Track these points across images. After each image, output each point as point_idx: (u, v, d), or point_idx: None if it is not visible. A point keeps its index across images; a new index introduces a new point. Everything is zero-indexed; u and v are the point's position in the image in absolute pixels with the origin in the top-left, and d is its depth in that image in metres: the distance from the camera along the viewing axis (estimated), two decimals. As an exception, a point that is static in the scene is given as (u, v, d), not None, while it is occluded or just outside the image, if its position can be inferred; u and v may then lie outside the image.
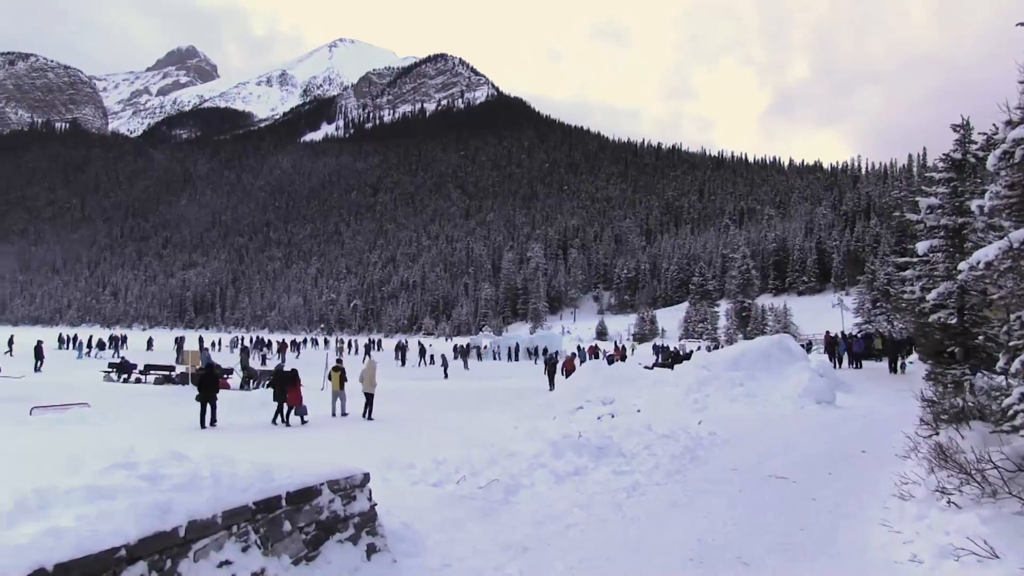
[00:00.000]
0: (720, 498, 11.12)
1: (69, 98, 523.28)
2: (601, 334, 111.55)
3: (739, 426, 18.27)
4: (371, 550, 7.91)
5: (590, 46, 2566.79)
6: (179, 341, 73.26)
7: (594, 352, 63.59)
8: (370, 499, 8.32)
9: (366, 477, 8.31)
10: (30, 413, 22.65)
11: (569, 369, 35.16)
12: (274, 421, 22.66)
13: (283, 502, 7.00)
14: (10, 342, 63.47)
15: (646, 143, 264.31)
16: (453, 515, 9.76)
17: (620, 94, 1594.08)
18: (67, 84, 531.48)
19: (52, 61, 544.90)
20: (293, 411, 22.91)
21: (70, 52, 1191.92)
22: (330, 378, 25.47)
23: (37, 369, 43.91)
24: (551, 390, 32.81)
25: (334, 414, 24.71)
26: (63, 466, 6.77)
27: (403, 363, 60.49)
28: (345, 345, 79.63)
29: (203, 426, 21.33)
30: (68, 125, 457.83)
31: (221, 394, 29.28)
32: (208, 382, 22.22)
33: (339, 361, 27.82)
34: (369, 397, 24.56)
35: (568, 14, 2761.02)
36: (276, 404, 22.84)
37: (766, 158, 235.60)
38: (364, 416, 24.22)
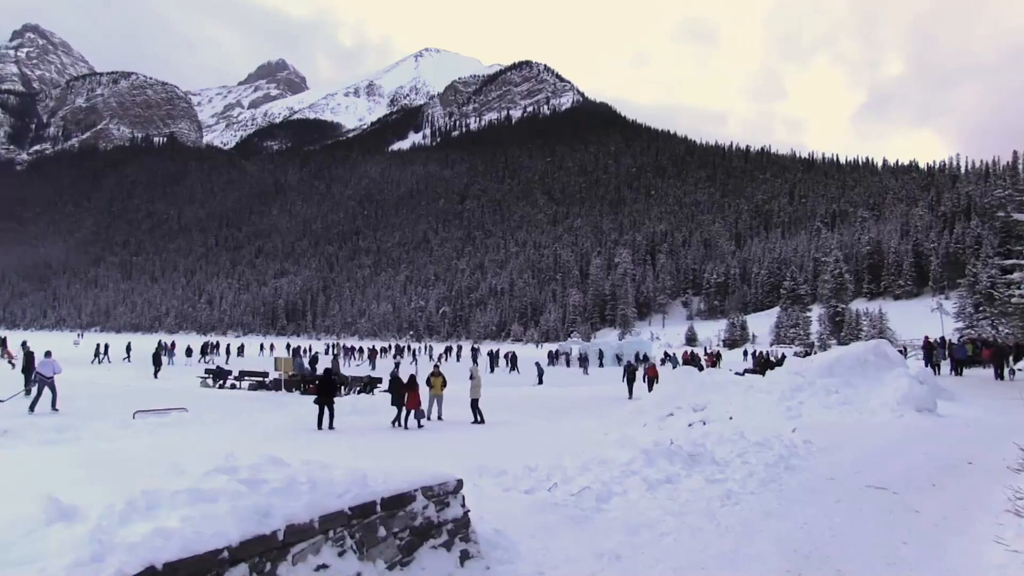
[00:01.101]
0: (817, 508, 10.80)
1: (167, 113, 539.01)
2: (691, 340, 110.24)
3: (835, 434, 17.68)
4: (464, 556, 7.92)
5: (676, 48, 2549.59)
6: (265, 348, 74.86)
7: (692, 358, 62.86)
8: (463, 505, 8.33)
9: (459, 484, 8.32)
10: (133, 417, 23.33)
11: (652, 376, 34.39)
12: (394, 424, 23.46)
13: (378, 508, 7.04)
14: (128, 349, 65.85)
15: (734, 146, 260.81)
16: (545, 522, 9.72)
17: (707, 96, 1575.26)
18: (165, 100, 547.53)
19: (151, 79, 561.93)
20: (412, 415, 23.67)
21: (167, 69, 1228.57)
22: (429, 383, 25.80)
23: (155, 376, 44.85)
24: (630, 398, 32.62)
25: (428, 418, 25.14)
26: (168, 469, 6.96)
27: (492, 369, 60.79)
28: (443, 352, 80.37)
29: (319, 427, 22.15)
30: (166, 139, 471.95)
31: (312, 399, 29.84)
32: (327, 387, 22.99)
33: (437, 367, 28.09)
34: (475, 402, 25.35)
35: (654, 16, 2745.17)
36: (395, 408, 23.72)
37: (859, 159, 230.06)
38: (474, 421, 24.98)
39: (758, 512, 10.63)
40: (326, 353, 72.30)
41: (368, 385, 36.59)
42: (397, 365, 53.73)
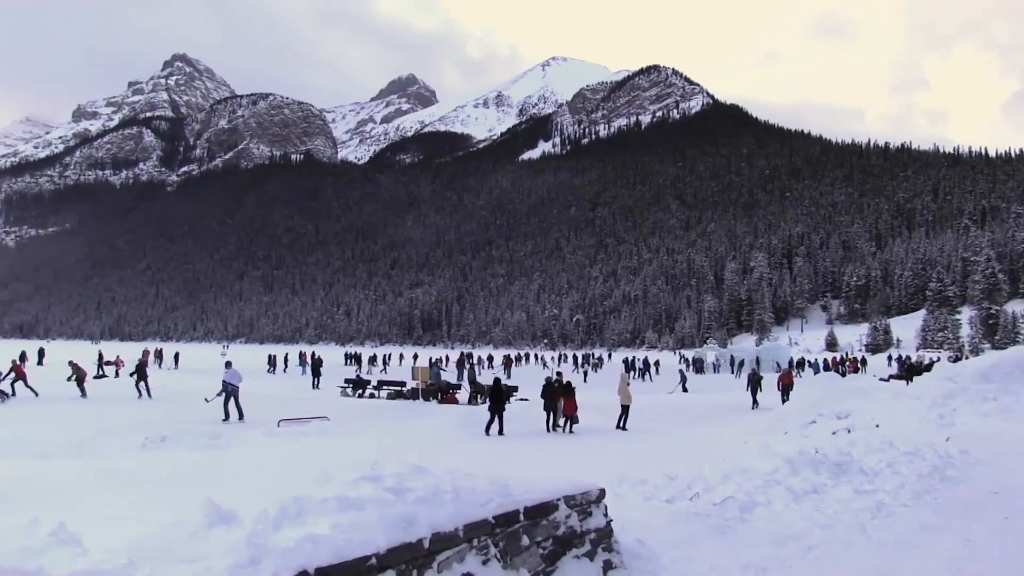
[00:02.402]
0: (980, 524, 10.15)
1: (303, 131, 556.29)
2: (831, 345, 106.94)
3: (995, 445, 16.54)
4: (607, 566, 7.86)
5: (809, 44, 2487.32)
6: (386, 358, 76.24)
7: (839, 364, 61.11)
8: (606, 515, 8.28)
9: (602, 493, 8.27)
10: (278, 425, 24.11)
11: (787, 384, 32.85)
12: (550, 427, 24.35)
13: (521, 517, 7.05)
14: (286, 359, 68.64)
15: (872, 143, 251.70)
16: (688, 532, 9.56)
17: (843, 92, 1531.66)
18: (301, 118, 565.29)
19: (287, 98, 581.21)
20: (569, 420, 24.21)
21: (303, 89, 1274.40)
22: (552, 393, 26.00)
23: (315, 386, 46.04)
24: (754, 408, 31.75)
25: (555, 427, 25.28)
26: (316, 476, 7.12)
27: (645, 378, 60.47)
28: (584, 359, 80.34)
29: (487, 433, 23.12)
30: (302, 156, 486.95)
31: (453, 409, 30.19)
32: (498, 395, 23.89)
33: (559, 374, 28.13)
34: (625, 408, 25.47)
35: (784, 14, 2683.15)
36: (546, 414, 24.60)
37: (1011, 151, 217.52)
38: (618, 427, 25.12)
39: (913, 526, 10.15)
40: (459, 363, 73.06)
41: (505, 394, 36.78)
42: (559, 374, 53.98)
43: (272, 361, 66.83)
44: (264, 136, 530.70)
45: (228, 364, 27.89)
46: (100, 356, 58.21)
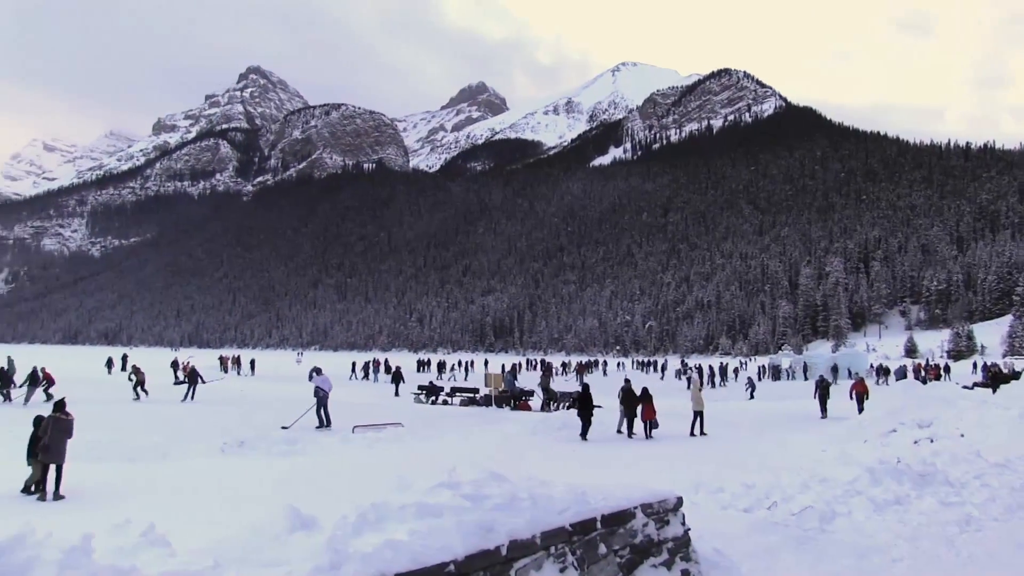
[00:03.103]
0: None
1: (375, 140, 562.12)
2: (911, 351, 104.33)
3: None
4: (685, 576, 7.79)
5: (886, 43, 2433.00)
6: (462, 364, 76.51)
7: (920, 371, 59.66)
8: (683, 523, 8.20)
9: (679, 501, 8.19)
10: (352, 431, 24.36)
11: (861, 392, 31.61)
12: (630, 434, 24.58)
13: (598, 524, 7.03)
14: (367, 366, 69.63)
15: (953, 144, 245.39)
16: (766, 542, 9.41)
17: (922, 92, 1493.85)
18: (372, 128, 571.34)
19: (359, 108, 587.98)
20: (648, 425, 24.44)
21: (374, 98, 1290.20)
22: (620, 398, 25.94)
23: (397, 393, 46.30)
24: (823, 417, 30.82)
25: (619, 431, 25.35)
26: (393, 483, 7.17)
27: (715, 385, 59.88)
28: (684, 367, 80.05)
29: (583, 439, 23.46)
30: (375, 165, 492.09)
31: (526, 416, 30.22)
32: (587, 401, 24.23)
33: (627, 381, 28.01)
34: (698, 414, 25.49)
35: (859, 13, 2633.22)
36: (626, 418, 24.89)
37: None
38: (691, 433, 25.09)
39: (1007, 543, 9.73)
40: (533, 368, 73.03)
41: (577, 401, 36.63)
42: (580, 381, 53.95)
43: (356, 368, 68.32)
44: (337, 146, 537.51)
45: (318, 370, 28.49)
46: (175, 363, 59.58)
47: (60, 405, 15.41)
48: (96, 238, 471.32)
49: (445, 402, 40.91)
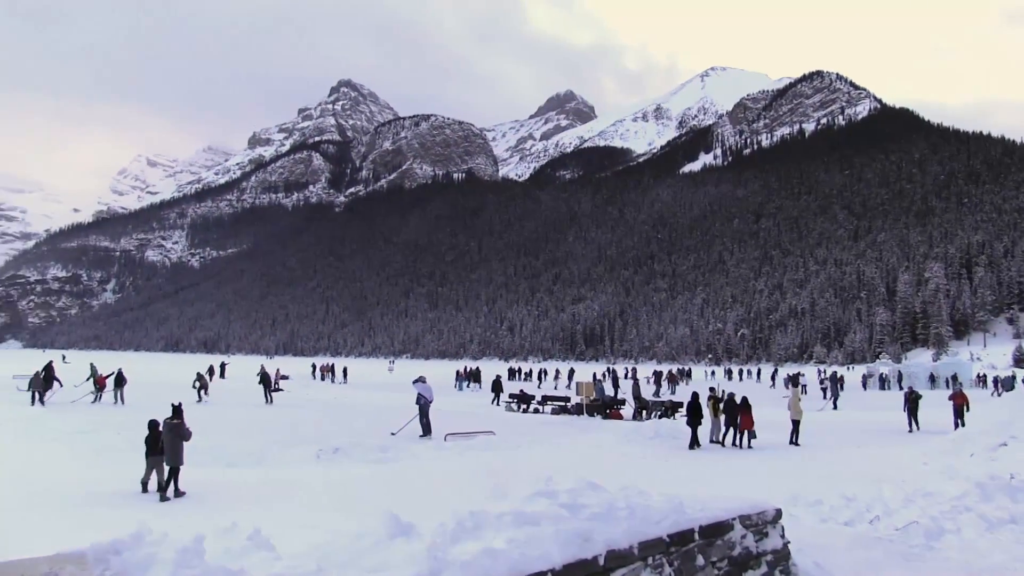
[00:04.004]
0: None
1: (464, 150, 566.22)
2: (1020, 360, 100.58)
3: None
4: (786, 590, 7.66)
5: (993, 37, 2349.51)
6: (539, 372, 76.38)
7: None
8: (783, 536, 8.07)
9: (778, 513, 8.06)
10: (444, 439, 24.58)
11: (961, 404, 29.43)
12: (734, 444, 24.38)
13: (696, 536, 6.96)
14: (467, 373, 70.56)
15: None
16: (869, 557, 9.17)
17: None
18: (462, 138, 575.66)
19: (448, 119, 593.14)
20: (745, 435, 24.34)
21: (463, 108, 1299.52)
22: (710, 407, 25.68)
23: (496, 402, 46.56)
24: (911, 431, 29.37)
25: (712, 440, 25.20)
26: (490, 491, 7.22)
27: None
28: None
29: (691, 448, 23.55)
30: (464, 175, 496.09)
31: (617, 425, 30.11)
32: (696, 410, 24.11)
33: (712, 390, 27.70)
34: (795, 424, 25.32)
35: (966, 6, 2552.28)
36: (729, 429, 24.70)
37: None
38: (791, 442, 24.97)
39: None
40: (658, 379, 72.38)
41: (670, 409, 36.32)
42: (672, 391, 53.63)
43: (468, 376, 69.37)
44: (427, 156, 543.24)
45: (422, 379, 28.83)
46: (274, 371, 61.41)
47: (176, 411, 16.29)
48: (195, 249, 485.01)
49: (536, 410, 40.90)
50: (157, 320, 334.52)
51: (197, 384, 41.88)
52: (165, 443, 15.37)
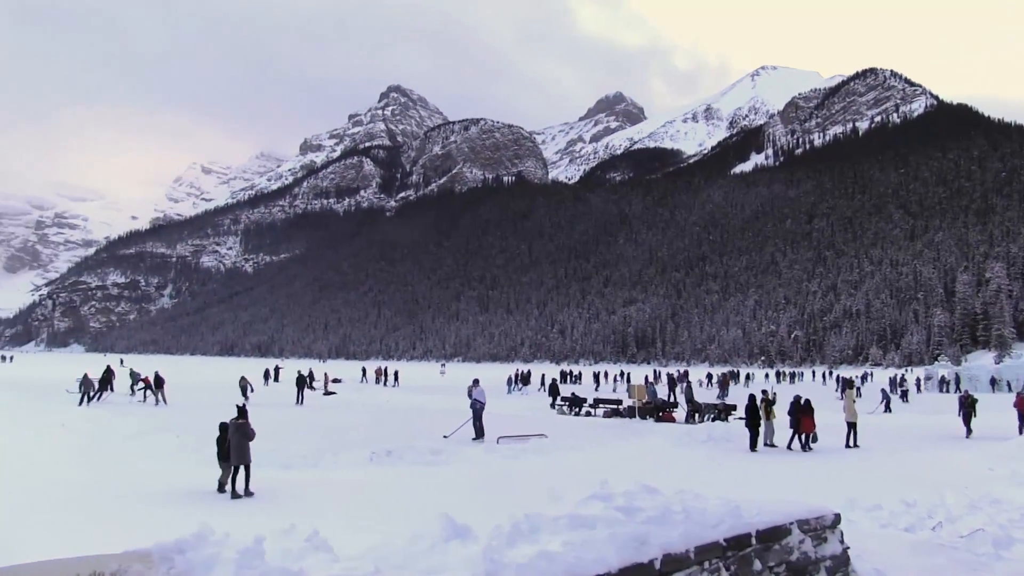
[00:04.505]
0: None
1: (514, 153, 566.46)
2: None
3: None
4: (846, 597, 7.53)
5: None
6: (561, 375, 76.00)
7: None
8: (842, 541, 7.95)
9: (837, 518, 7.92)
10: (496, 442, 24.60)
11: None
12: (789, 447, 23.98)
13: (753, 540, 6.88)
14: (520, 376, 70.87)
15: None
16: (932, 565, 8.95)
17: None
18: (511, 141, 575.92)
19: (498, 122, 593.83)
20: (808, 438, 24.07)
21: (512, 111, 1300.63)
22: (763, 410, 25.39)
23: (553, 405, 46.15)
24: (967, 436, 28.36)
25: (766, 443, 24.83)
26: (544, 494, 7.22)
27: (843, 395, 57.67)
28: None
29: (753, 449, 23.47)
30: (514, 178, 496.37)
31: (670, 428, 29.94)
32: (754, 411, 24.08)
33: (764, 392, 27.44)
34: (851, 426, 25.01)
35: None
36: (792, 431, 24.36)
37: None
38: (847, 445, 24.63)
39: None
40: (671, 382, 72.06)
41: (723, 412, 36.02)
42: (724, 394, 53.21)
43: (518, 379, 69.35)
44: (476, 160, 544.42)
45: (476, 382, 28.96)
46: (323, 375, 62.68)
47: (242, 412, 16.84)
48: (249, 255, 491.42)
49: (588, 413, 40.79)
50: (212, 324, 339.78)
51: (247, 388, 44.78)
52: (232, 443, 15.95)
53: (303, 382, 45.92)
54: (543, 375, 75.38)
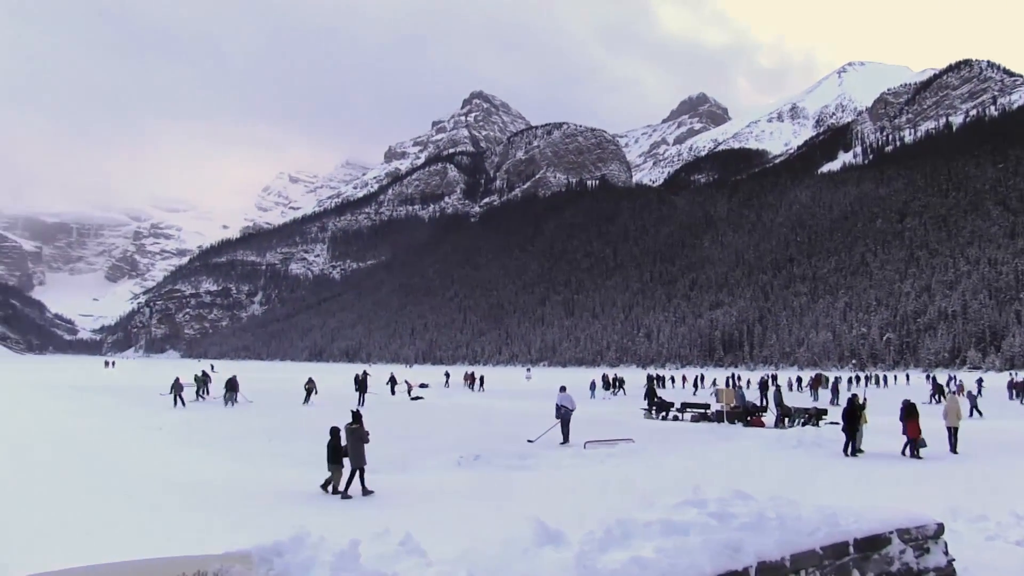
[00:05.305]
0: None
1: (597, 157, 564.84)
2: None
3: None
4: (951, 610, 7.26)
5: None
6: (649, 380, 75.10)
7: None
8: (946, 553, 7.66)
9: (940, 528, 7.64)
10: (584, 447, 24.52)
11: None
12: (903, 453, 23.31)
13: (851, 549, 6.70)
14: (612, 381, 70.85)
15: None
16: (1045, 579, 8.59)
17: None
18: (594, 145, 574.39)
19: (580, 126, 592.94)
20: (914, 444, 23.29)
21: (595, 115, 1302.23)
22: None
23: (649, 409, 46.46)
24: None
25: (857, 449, 24.16)
26: (637, 499, 7.13)
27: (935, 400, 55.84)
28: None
29: (847, 454, 23.11)
30: (597, 182, 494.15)
31: (759, 432, 29.50)
32: (852, 415, 23.69)
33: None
34: (952, 431, 24.43)
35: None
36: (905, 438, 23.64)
37: None
38: (952, 450, 24.00)
39: None
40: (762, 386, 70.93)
41: (814, 417, 35.33)
42: (816, 396, 52.18)
43: (606, 383, 69.67)
44: (560, 164, 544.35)
45: (562, 388, 29.11)
46: (404, 381, 64.21)
47: (356, 416, 17.58)
48: (336, 262, 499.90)
49: (676, 418, 40.40)
50: (301, 331, 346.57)
51: (312, 390, 47.71)
52: (349, 446, 16.75)
53: (364, 385, 48.75)
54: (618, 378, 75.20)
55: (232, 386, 45.02)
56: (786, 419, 35.87)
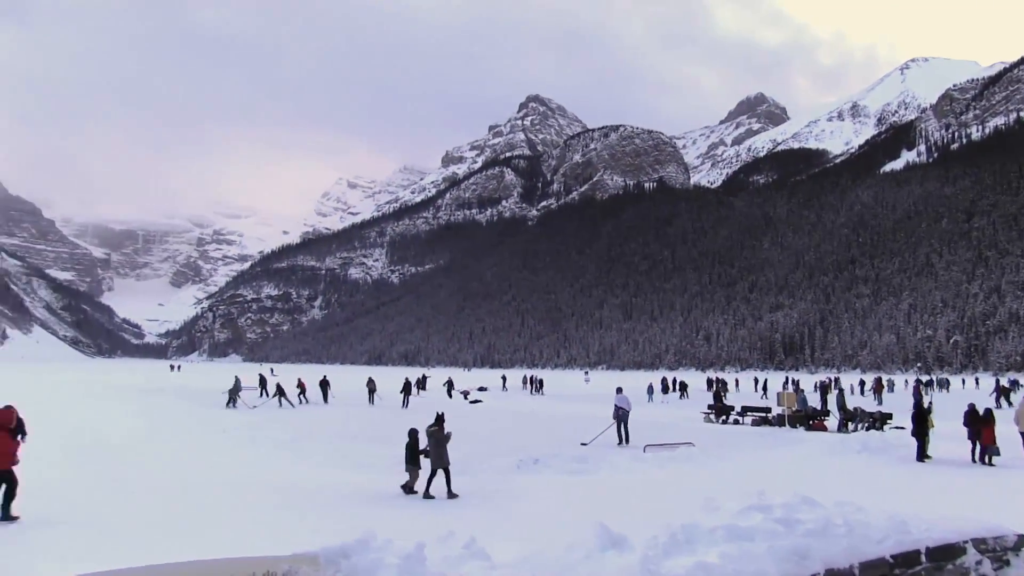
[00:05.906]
0: None
1: (654, 159, 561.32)
2: None
3: None
4: (1028, 625, 7.05)
5: None
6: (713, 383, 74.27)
7: None
8: (1030, 566, 7.44)
9: (1020, 539, 7.41)
10: (644, 451, 24.40)
11: None
12: (973, 460, 22.67)
13: (923, 558, 6.54)
14: (674, 383, 71.55)
15: None
16: None
17: None
18: (652, 147, 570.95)
19: (637, 128, 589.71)
20: (985, 451, 22.62)
21: (651, 117, 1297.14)
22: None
23: (717, 414, 46.41)
24: None
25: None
26: (699, 503, 7.07)
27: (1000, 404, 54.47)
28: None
29: (919, 460, 22.66)
30: (655, 184, 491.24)
31: (821, 436, 29.13)
32: (923, 420, 23.31)
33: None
34: None
35: None
36: (971, 443, 23.05)
37: None
38: None
39: None
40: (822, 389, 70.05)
41: (878, 421, 34.74)
42: (879, 400, 51.24)
43: (668, 386, 70.27)
44: (617, 167, 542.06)
45: (619, 390, 29.18)
46: (450, 382, 65.37)
47: (438, 419, 17.99)
48: (395, 266, 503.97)
49: (736, 421, 40.02)
50: (361, 334, 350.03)
51: (369, 388, 50.36)
52: (431, 448, 17.20)
53: (409, 388, 50.38)
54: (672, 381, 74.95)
55: (281, 390, 47.11)
56: (849, 423, 35.34)
